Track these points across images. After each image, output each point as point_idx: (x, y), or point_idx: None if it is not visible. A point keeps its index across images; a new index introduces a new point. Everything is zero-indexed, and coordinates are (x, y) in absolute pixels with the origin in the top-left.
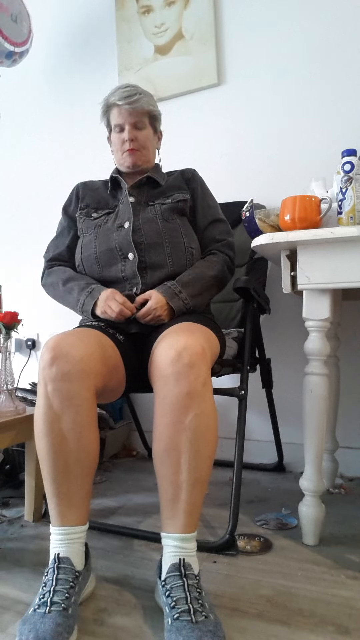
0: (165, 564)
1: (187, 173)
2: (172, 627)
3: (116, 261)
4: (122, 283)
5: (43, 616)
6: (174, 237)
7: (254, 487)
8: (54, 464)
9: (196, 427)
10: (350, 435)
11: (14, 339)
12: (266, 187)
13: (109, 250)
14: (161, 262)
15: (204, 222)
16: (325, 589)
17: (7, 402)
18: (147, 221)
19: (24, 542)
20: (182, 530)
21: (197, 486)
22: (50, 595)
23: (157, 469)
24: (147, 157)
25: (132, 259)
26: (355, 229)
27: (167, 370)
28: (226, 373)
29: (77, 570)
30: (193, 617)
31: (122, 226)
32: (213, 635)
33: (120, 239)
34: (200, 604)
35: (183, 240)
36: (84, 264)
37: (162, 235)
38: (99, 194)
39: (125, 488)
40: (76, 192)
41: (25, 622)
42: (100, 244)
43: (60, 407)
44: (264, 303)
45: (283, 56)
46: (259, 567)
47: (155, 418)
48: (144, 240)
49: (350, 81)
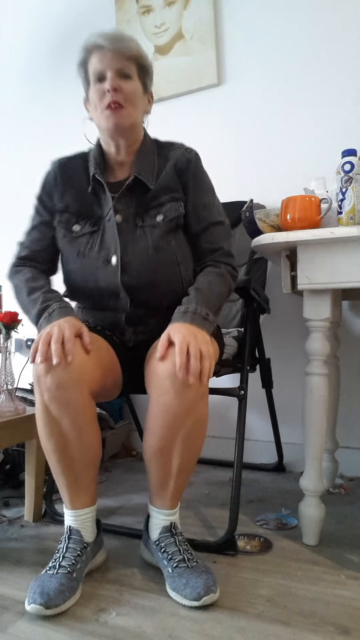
0: (157, 528)
1: (181, 162)
2: (174, 573)
3: (107, 295)
4: (114, 315)
5: (51, 576)
6: (169, 272)
7: (254, 487)
8: (59, 462)
9: (190, 433)
10: (350, 435)
11: (14, 339)
12: (266, 187)
13: (97, 287)
14: (154, 302)
15: (197, 227)
16: (325, 589)
17: (7, 402)
18: (138, 255)
19: (24, 542)
20: (170, 507)
21: (184, 474)
22: (59, 559)
23: (148, 462)
24: (134, 117)
25: (123, 296)
26: (355, 229)
27: (165, 383)
28: (226, 373)
29: (85, 542)
30: (188, 563)
31: (109, 261)
32: (207, 573)
33: (108, 280)
34: (190, 553)
35: (179, 269)
36: (70, 286)
37: (156, 272)
38: (80, 193)
39: (125, 488)
40: (54, 178)
41: (37, 579)
42: (87, 280)
43: (59, 414)
44: (264, 303)
45: (283, 56)
46: (259, 567)
47: (150, 418)
48: (135, 283)
49: (350, 81)
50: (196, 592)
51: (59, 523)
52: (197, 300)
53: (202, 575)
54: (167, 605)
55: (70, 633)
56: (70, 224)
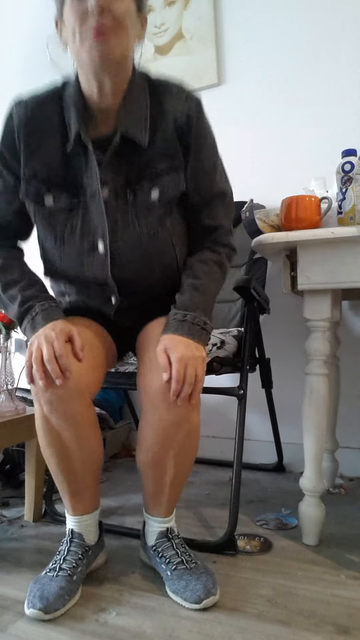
0: (153, 534)
1: (180, 118)
2: (173, 576)
3: (93, 284)
4: (102, 287)
5: (51, 579)
6: (164, 259)
7: (254, 487)
8: (60, 469)
9: (183, 445)
10: (350, 435)
11: (14, 339)
12: (266, 187)
13: (81, 277)
14: (146, 290)
15: (197, 199)
16: (325, 589)
17: (7, 402)
18: (129, 242)
19: (24, 542)
20: (165, 515)
21: (179, 485)
22: (60, 562)
23: (142, 473)
24: (124, 47)
25: (113, 285)
26: (355, 229)
27: (157, 398)
28: (226, 372)
29: (87, 545)
30: (187, 565)
31: (95, 249)
32: (206, 574)
33: (94, 271)
34: (188, 555)
35: (175, 254)
36: (49, 268)
37: (151, 261)
38: (52, 153)
39: (125, 488)
40: (17, 134)
41: (36, 581)
42: (68, 268)
43: (59, 425)
44: (264, 303)
45: (283, 56)
46: (259, 567)
47: (142, 432)
48: (127, 275)
49: (350, 80)
50: (196, 595)
51: (59, 523)
52: (196, 304)
53: (201, 577)
54: (167, 605)
55: (70, 633)
56: (40, 196)
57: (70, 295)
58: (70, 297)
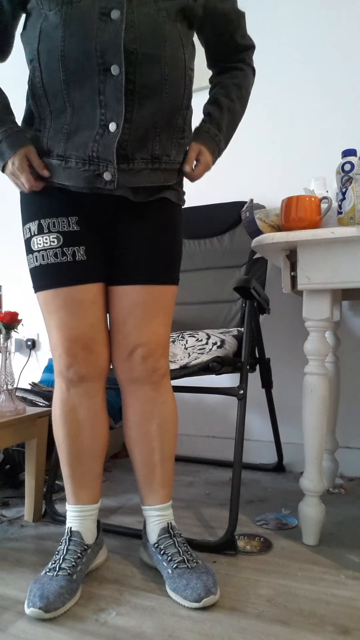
0: (154, 530)
1: None
2: (174, 574)
3: (92, 75)
4: (94, 113)
5: (51, 578)
6: (175, 50)
7: (254, 487)
8: (69, 450)
9: (162, 414)
10: (350, 435)
11: (14, 339)
12: (266, 187)
13: (85, 53)
14: (155, 86)
15: (233, 17)
16: (325, 589)
17: (7, 402)
18: (146, 15)
19: (24, 542)
20: (162, 501)
21: (167, 463)
22: (60, 561)
23: (132, 453)
24: None
25: (117, 75)
26: (355, 229)
27: (128, 373)
28: (226, 372)
29: (86, 544)
30: (188, 564)
31: (109, 15)
32: (207, 574)
33: (106, 39)
34: (189, 554)
35: (184, 56)
36: (42, 71)
37: (163, 44)
38: None
39: (125, 488)
40: None
41: (36, 581)
42: (72, 39)
43: (79, 401)
44: (264, 303)
45: (283, 55)
46: (259, 567)
47: (124, 408)
48: (138, 47)
49: (350, 81)
50: (196, 594)
51: (59, 523)
52: (226, 126)
53: (202, 577)
54: (167, 605)
55: (70, 633)
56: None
57: (53, 141)
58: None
